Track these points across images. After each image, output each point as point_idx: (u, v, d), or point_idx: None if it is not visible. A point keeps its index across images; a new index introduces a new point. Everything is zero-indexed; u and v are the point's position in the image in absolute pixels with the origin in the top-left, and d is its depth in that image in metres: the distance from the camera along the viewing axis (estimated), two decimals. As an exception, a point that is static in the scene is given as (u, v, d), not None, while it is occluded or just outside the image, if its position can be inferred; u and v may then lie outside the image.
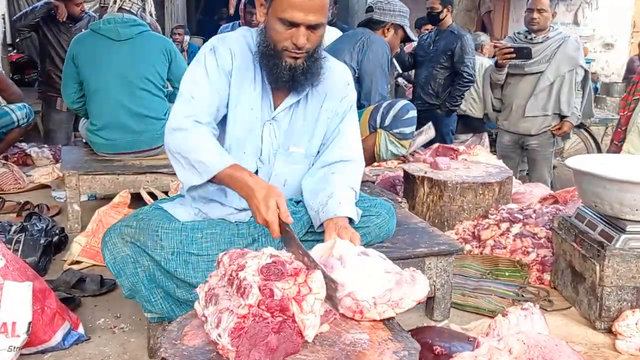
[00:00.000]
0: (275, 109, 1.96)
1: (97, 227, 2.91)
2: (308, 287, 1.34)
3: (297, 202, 1.99)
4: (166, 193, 3.26)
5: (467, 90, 5.23)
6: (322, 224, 1.88)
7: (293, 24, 1.76)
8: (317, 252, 1.63)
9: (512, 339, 1.52)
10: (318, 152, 2.04)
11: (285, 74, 1.84)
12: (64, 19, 4.83)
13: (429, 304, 2.30)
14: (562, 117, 4.20)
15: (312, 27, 1.78)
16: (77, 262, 2.80)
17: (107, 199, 3.63)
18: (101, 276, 2.56)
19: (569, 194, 3.44)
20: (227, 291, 1.44)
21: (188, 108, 1.85)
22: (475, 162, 3.62)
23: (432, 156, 3.71)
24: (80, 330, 2.13)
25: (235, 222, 1.96)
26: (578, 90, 4.24)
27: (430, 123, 3.50)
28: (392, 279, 1.50)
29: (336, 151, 2.00)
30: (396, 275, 1.52)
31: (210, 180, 1.79)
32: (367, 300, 1.47)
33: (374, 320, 1.49)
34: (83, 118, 3.77)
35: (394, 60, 4.97)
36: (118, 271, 1.90)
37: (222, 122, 1.96)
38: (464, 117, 5.63)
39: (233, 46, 1.93)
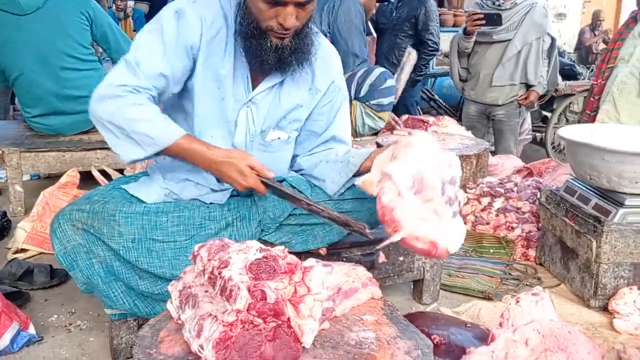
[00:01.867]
0: (253, 89, 1.71)
1: (43, 211, 2.63)
2: (306, 286, 1.13)
3: (281, 181, 1.77)
4: (121, 172, 2.97)
5: (432, 59, 5.05)
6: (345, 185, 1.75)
7: (278, 2, 1.50)
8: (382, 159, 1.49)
9: (527, 329, 1.39)
10: (299, 134, 1.83)
11: (271, 56, 1.58)
12: None
13: (417, 287, 2.14)
14: (528, 87, 4.11)
15: (300, 5, 1.52)
16: (23, 250, 2.54)
17: (52, 177, 3.32)
18: (50, 266, 2.30)
19: (543, 165, 3.36)
20: (206, 291, 1.22)
21: (128, 78, 1.54)
22: (447, 134, 3.47)
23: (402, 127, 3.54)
24: (31, 330, 1.88)
25: (210, 203, 1.74)
26: (544, 58, 4.15)
27: (409, 47, 3.19)
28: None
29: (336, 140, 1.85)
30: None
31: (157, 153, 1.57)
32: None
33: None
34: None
35: (369, 24, 4.69)
36: (70, 263, 1.65)
37: (187, 102, 1.70)
38: None
39: (204, 13, 1.62)
